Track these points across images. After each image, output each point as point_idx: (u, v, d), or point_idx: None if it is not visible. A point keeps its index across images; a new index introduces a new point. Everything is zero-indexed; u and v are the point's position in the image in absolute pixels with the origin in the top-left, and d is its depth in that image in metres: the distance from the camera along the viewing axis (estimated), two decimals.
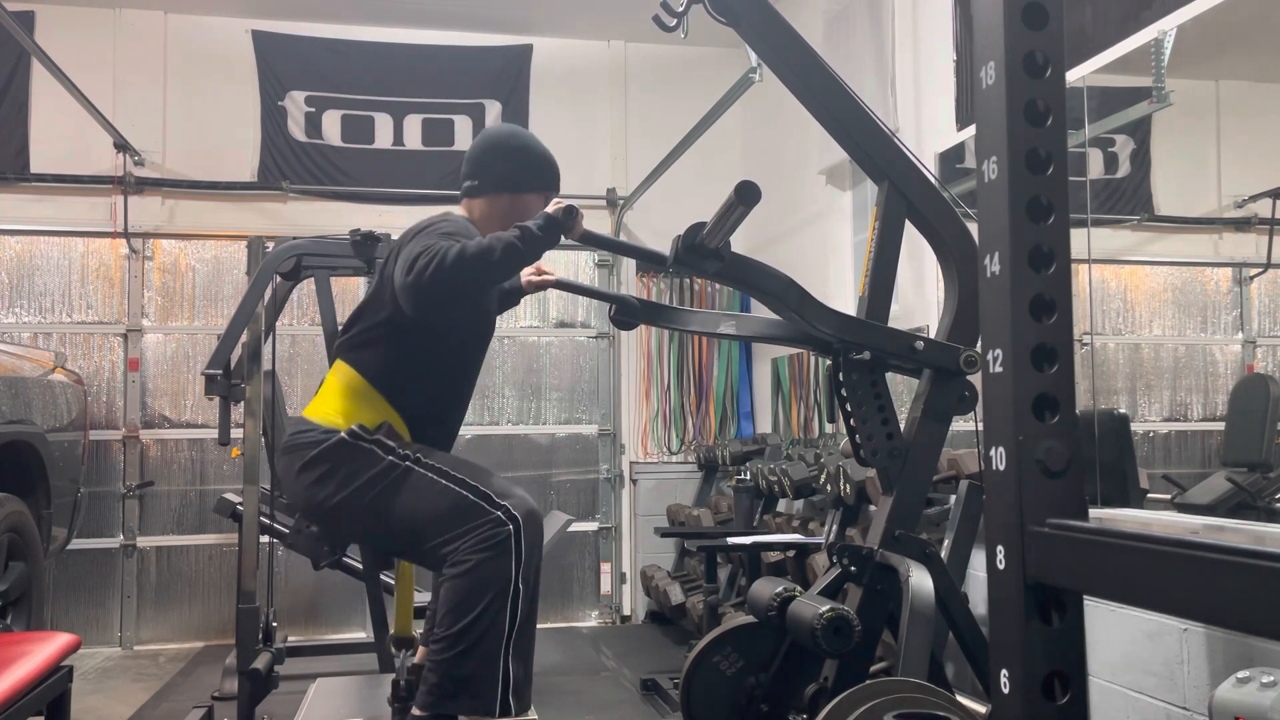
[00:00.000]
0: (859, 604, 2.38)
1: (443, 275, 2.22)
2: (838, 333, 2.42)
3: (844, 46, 4.74)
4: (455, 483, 2.38)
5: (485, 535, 2.33)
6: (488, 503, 2.36)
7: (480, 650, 2.30)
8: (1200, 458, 2.94)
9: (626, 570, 6.33)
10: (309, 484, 2.47)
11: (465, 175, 2.68)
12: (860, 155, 2.52)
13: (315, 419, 2.50)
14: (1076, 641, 1.15)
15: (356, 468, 2.41)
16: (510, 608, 2.31)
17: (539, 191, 2.66)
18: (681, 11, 2.48)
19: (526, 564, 2.34)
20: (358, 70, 6.23)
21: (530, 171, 2.66)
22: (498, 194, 2.64)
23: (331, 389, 2.55)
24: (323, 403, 2.54)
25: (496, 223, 2.61)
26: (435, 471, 2.40)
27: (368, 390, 2.51)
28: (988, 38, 1.23)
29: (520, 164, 2.65)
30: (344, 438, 2.42)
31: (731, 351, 6.59)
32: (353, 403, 2.49)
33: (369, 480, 2.40)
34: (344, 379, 2.54)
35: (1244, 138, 2.81)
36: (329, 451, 2.43)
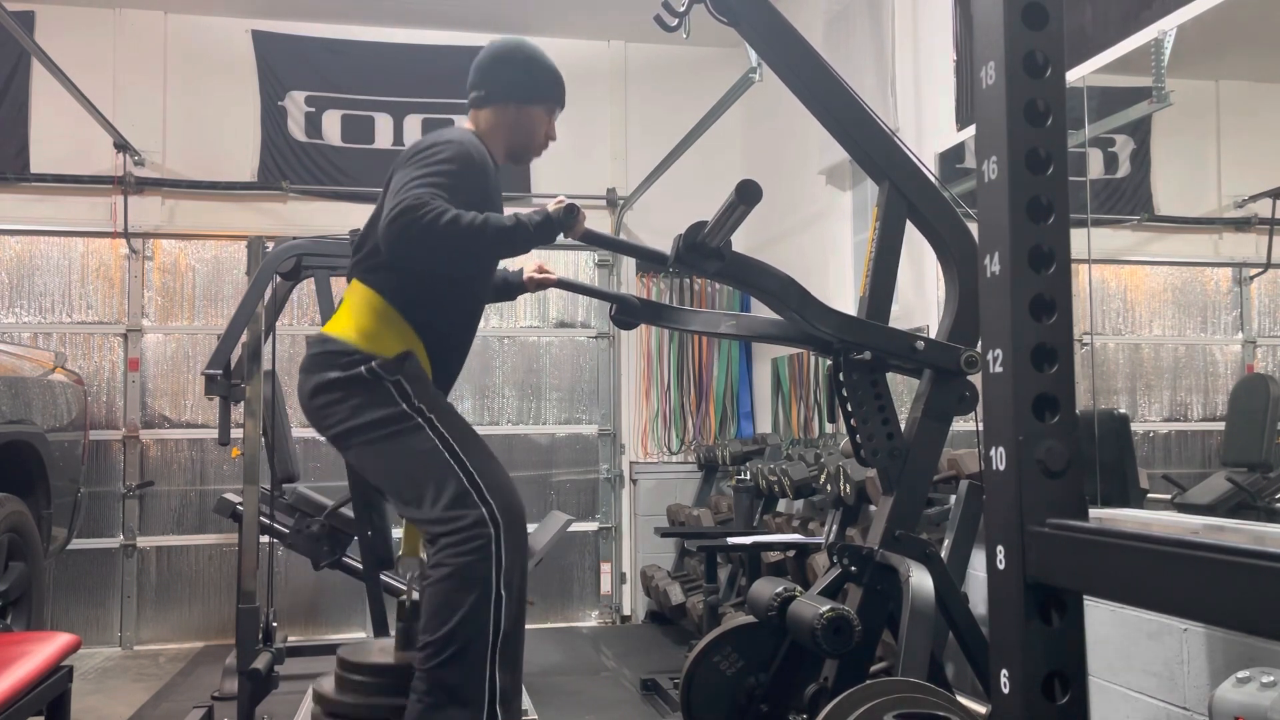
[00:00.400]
0: (859, 604, 2.38)
1: (429, 237, 2.20)
2: (838, 333, 2.42)
3: (844, 46, 4.74)
4: (455, 460, 2.33)
5: (465, 536, 2.28)
6: (476, 494, 2.31)
7: (466, 658, 2.26)
8: (1200, 458, 2.94)
9: (626, 570, 6.33)
10: (320, 405, 2.45)
11: (472, 85, 2.65)
12: (861, 155, 2.53)
13: (336, 335, 2.46)
14: (1076, 641, 1.15)
15: (368, 402, 2.37)
16: (494, 614, 2.27)
17: (545, 104, 2.65)
18: (683, 11, 2.48)
19: (508, 569, 2.30)
20: (358, 70, 6.23)
21: (537, 82, 2.64)
22: (504, 104, 2.61)
23: (352, 307, 2.50)
24: (344, 320, 2.49)
25: (502, 134, 2.62)
26: (441, 440, 2.35)
27: (387, 310, 2.46)
28: (988, 38, 1.23)
29: (527, 74, 2.63)
30: (363, 373, 2.37)
31: (731, 351, 6.59)
32: (374, 321, 2.44)
33: (376, 421, 2.37)
34: (363, 298, 2.49)
35: (1244, 138, 2.81)
36: (346, 380, 2.39)
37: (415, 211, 2.21)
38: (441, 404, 2.44)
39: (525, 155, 2.73)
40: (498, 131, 2.63)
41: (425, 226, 2.20)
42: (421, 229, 2.20)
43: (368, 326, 2.44)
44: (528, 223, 2.30)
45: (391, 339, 2.43)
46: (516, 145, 2.68)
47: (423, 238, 2.21)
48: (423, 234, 2.20)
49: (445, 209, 2.22)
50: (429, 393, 2.42)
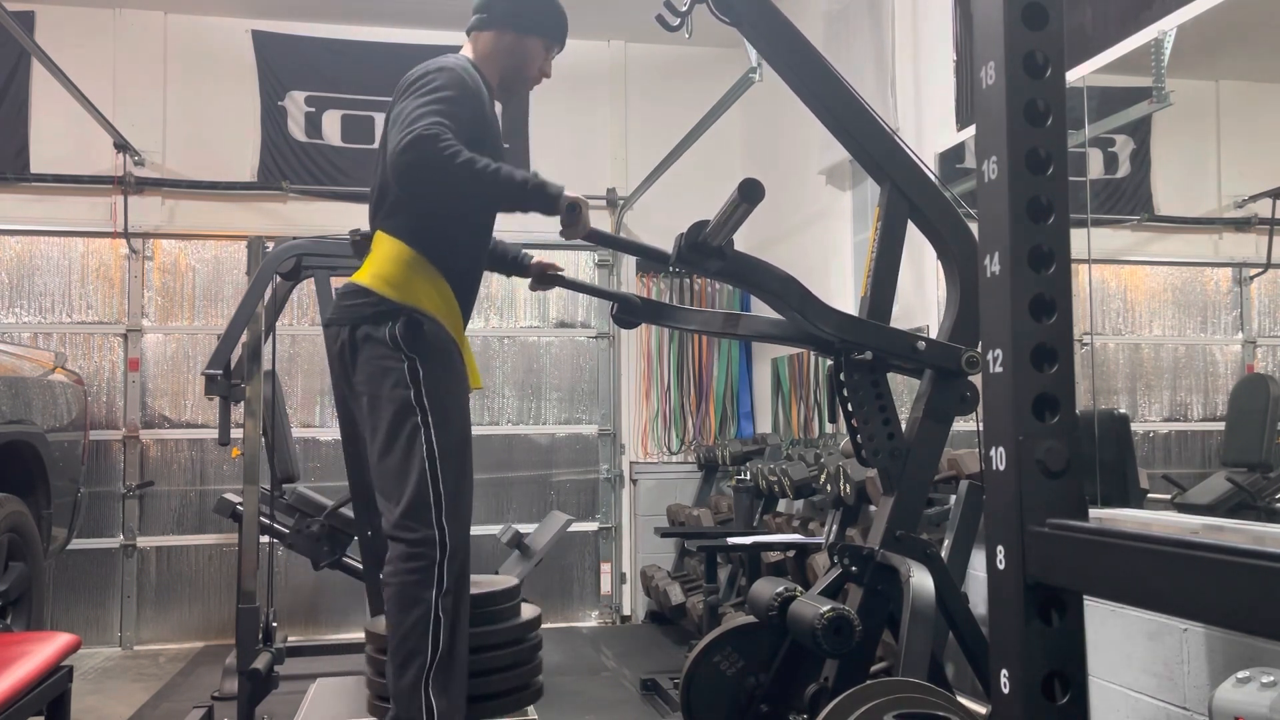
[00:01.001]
0: (859, 604, 2.38)
1: (440, 172, 2.25)
2: (839, 332, 2.42)
3: (844, 46, 4.74)
4: (431, 473, 2.41)
5: (412, 551, 2.38)
6: (435, 512, 2.39)
7: (410, 670, 2.37)
8: (1200, 458, 2.94)
9: (626, 570, 6.33)
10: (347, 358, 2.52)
11: (475, 8, 2.71)
12: (862, 156, 2.53)
13: (367, 284, 2.51)
14: (1076, 641, 1.15)
15: (385, 375, 2.44)
16: (431, 634, 2.36)
17: (543, 37, 2.71)
18: (685, 11, 2.48)
19: (447, 593, 2.38)
20: (358, 70, 6.23)
21: (538, 14, 2.69)
22: (502, 30, 2.67)
23: (381, 258, 2.55)
24: (373, 269, 2.54)
25: (498, 61, 2.67)
26: (428, 448, 2.42)
27: (413, 257, 2.51)
28: (988, 38, 1.23)
29: (530, 4, 2.69)
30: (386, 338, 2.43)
31: (731, 351, 6.59)
32: (401, 270, 2.50)
33: (386, 398, 2.45)
34: (389, 247, 2.55)
35: (1244, 138, 2.80)
36: (374, 342, 2.46)
37: (431, 144, 2.26)
38: (446, 406, 2.48)
39: (517, 86, 2.77)
40: (494, 58, 2.68)
41: (441, 161, 2.25)
42: (439, 161, 2.25)
43: (396, 275, 2.50)
44: (532, 185, 2.33)
45: (420, 285, 2.50)
46: (509, 74, 2.72)
47: (434, 171, 2.26)
48: (437, 167, 2.26)
49: (459, 148, 2.27)
50: (439, 384, 2.47)
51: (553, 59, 2.79)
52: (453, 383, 2.51)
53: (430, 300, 2.51)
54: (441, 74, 2.47)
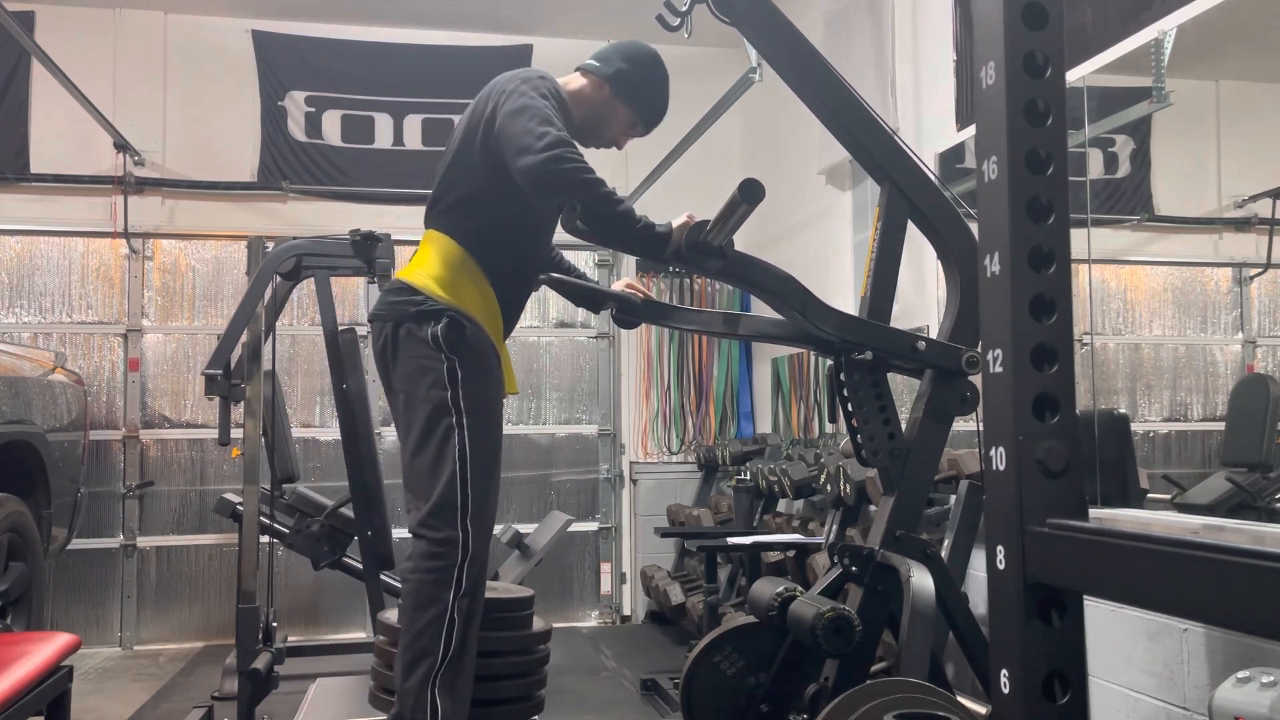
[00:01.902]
0: (860, 604, 2.38)
1: (573, 188, 2.28)
2: (839, 332, 2.42)
3: (844, 46, 4.74)
4: (461, 474, 2.42)
5: (434, 551, 2.40)
6: (461, 513, 2.40)
7: (419, 669, 2.38)
8: (1200, 458, 2.94)
9: (626, 570, 6.33)
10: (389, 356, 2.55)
11: (597, 54, 2.78)
12: (863, 156, 2.52)
13: (413, 282, 2.53)
14: (1076, 641, 1.15)
15: (424, 374, 2.46)
16: (445, 635, 2.37)
17: (634, 112, 2.77)
18: (685, 11, 2.48)
19: (464, 595, 2.40)
20: (358, 70, 6.23)
21: (644, 91, 2.76)
22: (603, 83, 2.72)
23: (429, 255, 2.58)
24: (421, 266, 2.56)
25: (585, 107, 2.72)
26: (460, 449, 2.43)
27: (464, 260, 2.54)
28: (988, 38, 1.23)
29: (642, 80, 2.75)
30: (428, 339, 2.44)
31: (731, 351, 6.59)
32: (450, 270, 2.53)
33: (423, 398, 2.46)
34: (440, 246, 2.57)
35: (1244, 138, 2.81)
36: (416, 341, 2.47)
37: (566, 162, 2.29)
38: (481, 409, 2.49)
39: (588, 137, 2.81)
40: (584, 102, 2.73)
41: (578, 181, 2.29)
42: (575, 180, 2.29)
43: (444, 274, 2.52)
44: (643, 225, 2.36)
45: (466, 287, 2.52)
46: (588, 123, 2.77)
47: (568, 186, 2.29)
48: (571, 183, 2.28)
49: (590, 168, 2.31)
50: (475, 387, 2.48)
51: (630, 136, 2.85)
52: (489, 387, 2.53)
53: (474, 303, 2.53)
54: (542, 83, 2.52)
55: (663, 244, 2.34)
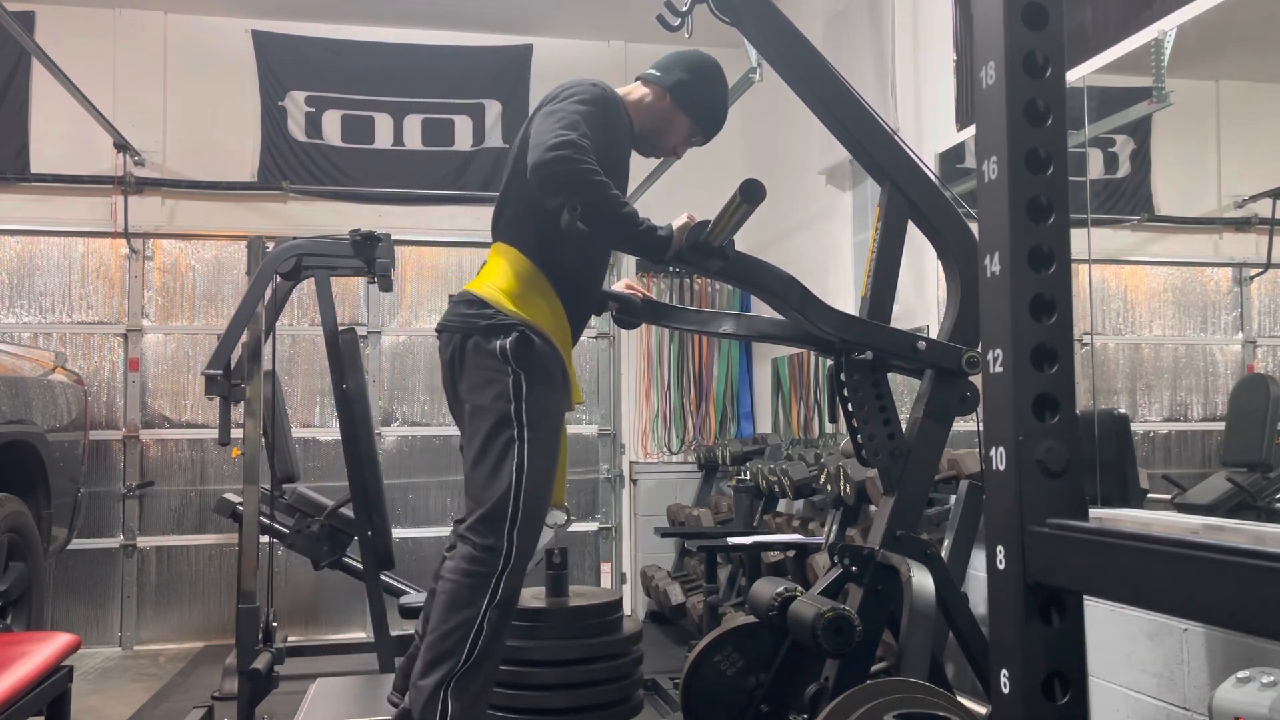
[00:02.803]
0: (860, 604, 2.38)
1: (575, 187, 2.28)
2: (840, 333, 2.42)
3: (844, 46, 4.74)
4: (515, 484, 2.43)
5: (476, 556, 2.40)
6: (510, 524, 2.41)
7: (438, 670, 2.38)
8: (1200, 458, 2.94)
9: (626, 570, 6.33)
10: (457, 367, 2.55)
11: (656, 64, 2.78)
12: (863, 156, 2.52)
13: (483, 295, 2.53)
14: (1076, 641, 1.15)
15: (491, 385, 2.47)
16: (470, 641, 2.37)
17: (694, 121, 2.78)
18: (685, 11, 2.48)
19: (498, 605, 2.40)
20: (358, 70, 6.23)
21: (704, 100, 2.76)
22: (664, 92, 2.73)
23: (498, 268, 2.59)
24: (490, 279, 2.57)
25: (646, 114, 2.73)
26: (518, 461, 2.44)
27: (533, 273, 2.55)
28: (988, 38, 1.23)
29: (701, 90, 2.75)
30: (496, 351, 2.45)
31: (731, 351, 6.59)
32: (519, 283, 2.54)
33: (489, 408, 2.47)
34: (509, 258, 2.58)
35: (1244, 138, 2.80)
36: (486, 354, 2.48)
37: (569, 163, 2.29)
38: (543, 424, 2.49)
39: (648, 146, 2.83)
40: (645, 111, 2.74)
41: (581, 182, 2.29)
42: (578, 181, 2.29)
43: (514, 288, 2.54)
44: (644, 228, 2.35)
45: (536, 301, 2.53)
46: (648, 132, 2.78)
47: (570, 186, 2.29)
48: (573, 184, 2.29)
49: (596, 170, 2.31)
50: (539, 402, 2.49)
51: (690, 145, 2.87)
52: (553, 403, 2.54)
53: (543, 316, 2.53)
54: (586, 89, 2.53)
55: (664, 246, 2.34)
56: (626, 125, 2.67)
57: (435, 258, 6.32)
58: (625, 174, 2.70)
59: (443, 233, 6.27)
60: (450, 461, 6.09)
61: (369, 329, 6.13)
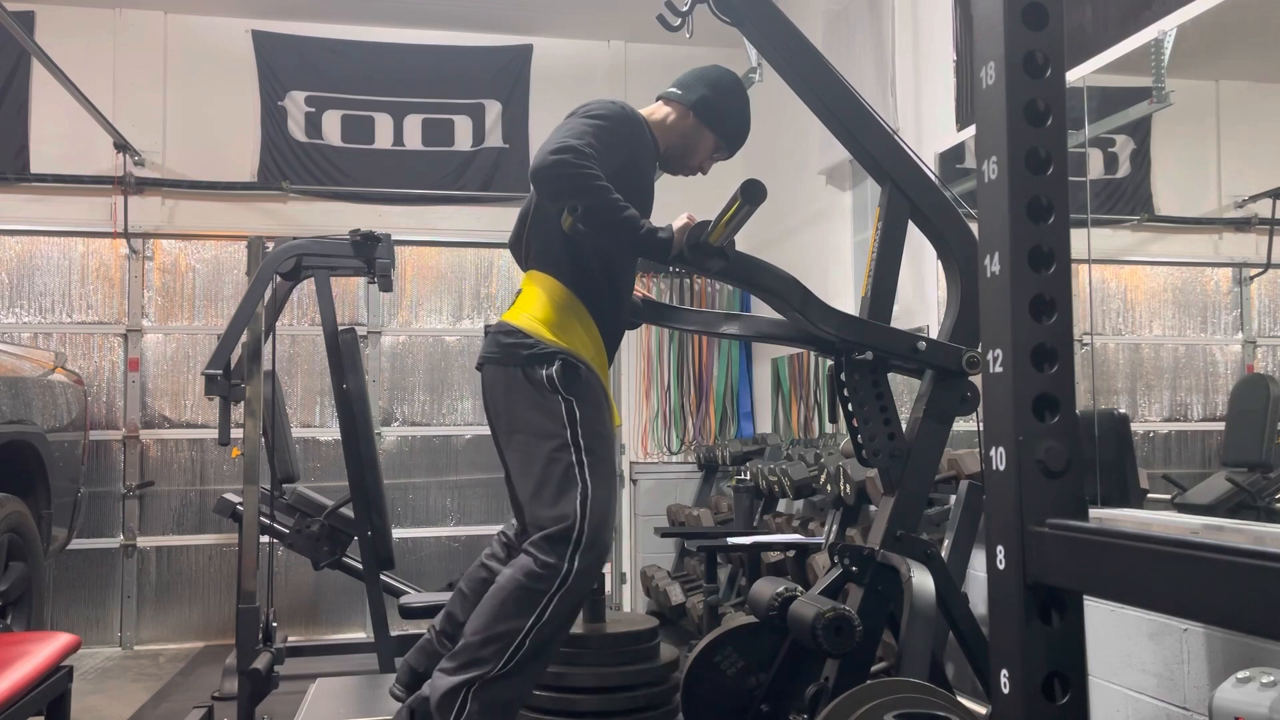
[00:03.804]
0: (860, 604, 2.38)
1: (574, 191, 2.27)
2: (840, 333, 2.42)
3: (844, 46, 4.74)
4: (583, 509, 2.39)
5: (536, 571, 2.36)
6: (574, 546, 2.36)
7: (464, 672, 2.33)
8: (1200, 458, 2.94)
9: (626, 570, 6.33)
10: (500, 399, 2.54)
11: (677, 82, 2.77)
12: (863, 156, 2.52)
13: (520, 325, 2.51)
14: (1076, 641, 1.15)
15: (542, 414, 2.45)
16: (508, 655, 2.32)
17: (719, 137, 2.76)
18: (685, 11, 2.48)
19: (544, 624, 2.35)
20: (358, 70, 6.23)
21: (727, 115, 2.74)
22: (687, 111, 2.71)
23: (533, 296, 2.57)
24: (527, 308, 2.55)
25: (669, 136, 2.72)
26: (583, 488, 2.41)
27: (570, 301, 2.53)
28: (988, 38, 1.23)
29: (725, 105, 2.74)
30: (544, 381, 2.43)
31: (731, 351, 6.58)
32: (556, 311, 2.52)
33: (542, 435, 2.45)
34: (544, 286, 2.56)
35: (1244, 138, 2.80)
36: (531, 386, 2.46)
37: (569, 168, 2.28)
38: (599, 447, 2.47)
39: (675, 164, 2.81)
40: (669, 130, 2.72)
41: (576, 181, 2.28)
42: (578, 185, 2.28)
43: (551, 317, 2.52)
44: (645, 231, 2.33)
45: (574, 328, 2.52)
46: (673, 151, 2.76)
47: (571, 189, 2.28)
48: (574, 187, 2.28)
49: (596, 174, 2.29)
50: (593, 425, 2.47)
51: (715, 160, 2.84)
52: (605, 424, 2.53)
53: (582, 343, 2.52)
54: (604, 105, 2.53)
55: (665, 248, 2.33)
56: (650, 144, 2.66)
57: (435, 258, 6.32)
58: (648, 192, 2.67)
59: (443, 233, 6.27)
60: (450, 461, 6.08)
61: (369, 329, 6.13)
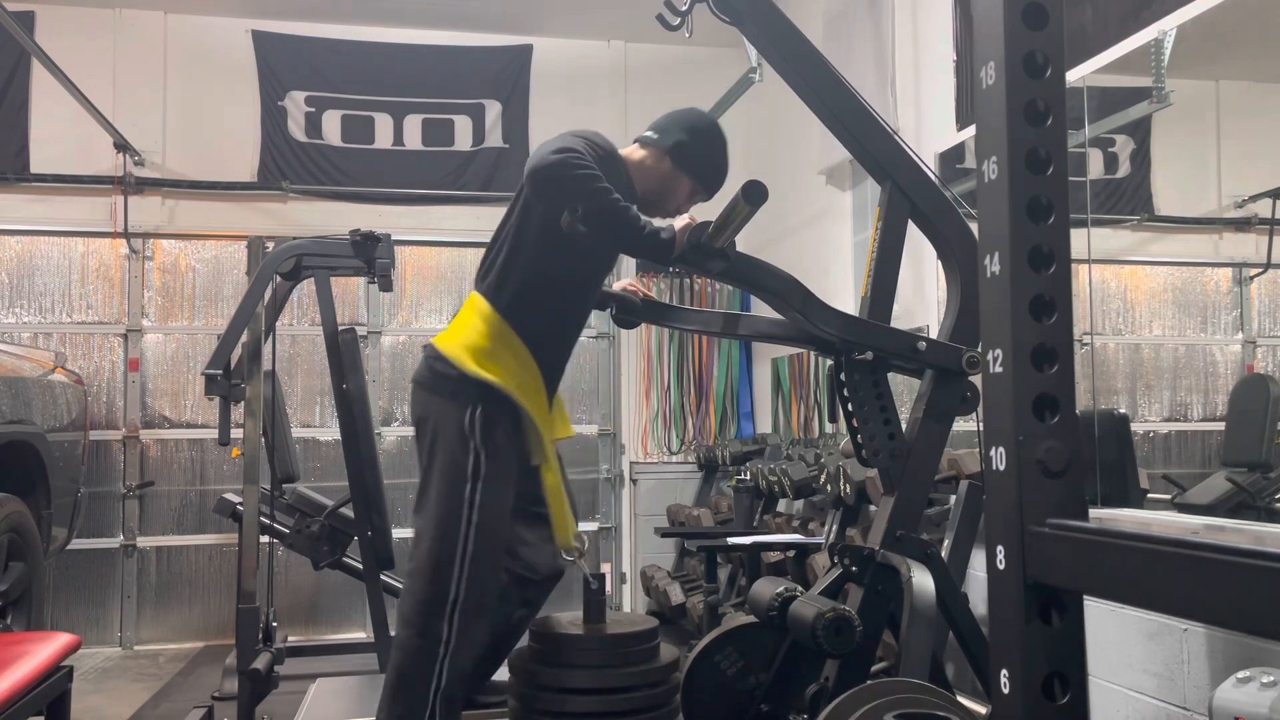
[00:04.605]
0: (860, 604, 2.37)
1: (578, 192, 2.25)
2: (840, 333, 2.42)
3: (844, 46, 4.74)
4: (460, 570, 2.37)
5: (418, 645, 2.37)
6: (451, 608, 2.36)
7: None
8: (1200, 458, 2.94)
9: (626, 570, 6.33)
10: (420, 426, 2.53)
11: (653, 125, 2.75)
12: (863, 155, 2.52)
13: (448, 353, 2.49)
14: (1076, 641, 1.15)
15: (451, 451, 2.44)
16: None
17: (694, 181, 2.73)
18: (685, 10, 2.48)
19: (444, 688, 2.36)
20: (358, 70, 6.23)
21: (704, 160, 2.72)
22: (663, 155, 2.68)
23: (467, 322, 2.56)
24: (459, 333, 2.54)
25: (646, 179, 2.69)
26: (464, 542, 2.40)
27: (501, 327, 2.51)
28: (988, 38, 1.23)
29: (701, 149, 2.71)
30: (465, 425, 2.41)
31: (731, 351, 6.59)
32: (488, 340, 2.49)
33: (443, 475, 2.44)
34: (478, 314, 2.54)
35: (1244, 138, 2.81)
36: (449, 420, 2.45)
37: (572, 168, 2.26)
38: (494, 507, 2.45)
39: (651, 208, 2.75)
40: (645, 174, 2.69)
41: (580, 182, 2.25)
42: (581, 187, 2.25)
43: (481, 344, 2.48)
44: (649, 232, 2.30)
45: (503, 356, 2.48)
46: (649, 194, 2.72)
47: (574, 191, 2.26)
48: (575, 185, 2.25)
49: (599, 175, 2.27)
50: (495, 483, 2.45)
51: (692, 204, 2.80)
52: (507, 487, 2.50)
53: (512, 374, 2.49)
54: (586, 131, 2.51)
55: (667, 249, 2.31)
56: (626, 181, 2.62)
57: (435, 258, 6.33)
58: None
59: (443, 233, 6.27)
60: None
61: (369, 329, 6.13)
